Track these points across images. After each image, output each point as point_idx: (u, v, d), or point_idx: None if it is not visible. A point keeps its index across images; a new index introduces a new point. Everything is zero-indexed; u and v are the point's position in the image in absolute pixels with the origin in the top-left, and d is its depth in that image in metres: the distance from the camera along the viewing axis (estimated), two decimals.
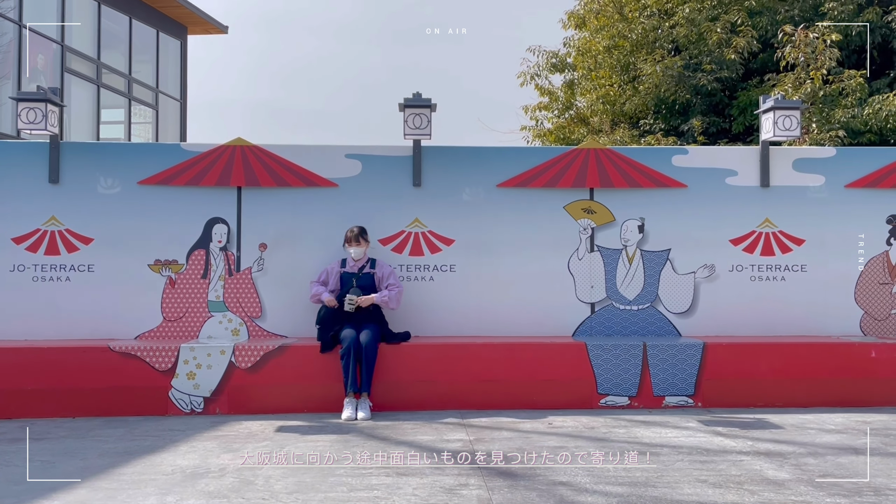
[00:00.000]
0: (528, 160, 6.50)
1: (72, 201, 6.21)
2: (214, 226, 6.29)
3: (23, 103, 5.90)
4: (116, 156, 6.32)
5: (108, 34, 17.18)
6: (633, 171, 6.50)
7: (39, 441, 4.89)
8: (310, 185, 6.35)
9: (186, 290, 6.25)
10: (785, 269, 6.53)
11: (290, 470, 4.17)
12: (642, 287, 6.49)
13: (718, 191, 6.53)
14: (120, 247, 6.21)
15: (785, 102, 6.36)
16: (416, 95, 6.23)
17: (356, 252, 5.97)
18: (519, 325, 6.36)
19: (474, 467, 4.22)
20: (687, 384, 5.95)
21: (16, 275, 6.13)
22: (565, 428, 5.22)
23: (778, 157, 6.57)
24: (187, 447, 4.70)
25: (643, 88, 11.06)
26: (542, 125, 12.82)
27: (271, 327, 6.28)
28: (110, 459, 4.41)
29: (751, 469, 4.19)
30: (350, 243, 5.97)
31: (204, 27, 20.19)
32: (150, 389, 5.68)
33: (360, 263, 6.02)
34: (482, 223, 6.43)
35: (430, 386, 5.83)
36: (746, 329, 6.43)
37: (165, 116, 19.17)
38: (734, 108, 10.57)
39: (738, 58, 10.41)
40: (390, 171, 6.41)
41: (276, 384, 5.74)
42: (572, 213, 6.49)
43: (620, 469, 4.19)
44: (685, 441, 4.84)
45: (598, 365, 5.93)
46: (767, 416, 5.58)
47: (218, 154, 6.30)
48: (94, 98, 16.72)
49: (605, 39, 11.73)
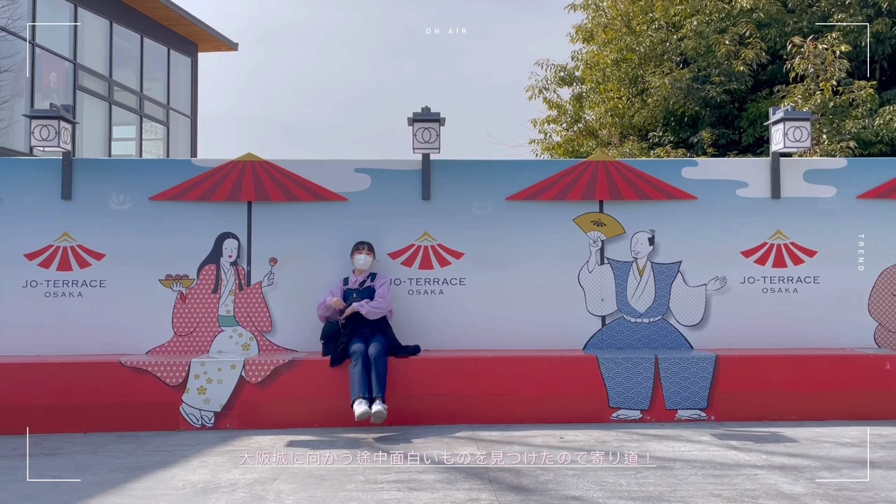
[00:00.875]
0: (537, 173, 6.50)
1: (84, 217, 6.25)
2: (225, 241, 6.32)
3: (36, 121, 5.96)
4: (128, 172, 6.37)
5: (119, 52, 17.37)
6: (643, 184, 6.48)
7: (51, 456, 4.89)
8: (319, 200, 6.37)
9: (197, 305, 6.27)
10: (797, 281, 6.48)
11: (302, 485, 4.16)
12: (653, 300, 6.46)
13: (729, 202, 6.51)
14: (131, 262, 6.24)
15: (795, 114, 6.34)
16: (424, 110, 6.26)
17: (363, 261, 5.99)
18: (529, 338, 6.34)
19: (485, 482, 4.20)
20: (699, 397, 5.90)
21: (28, 290, 6.17)
22: (577, 442, 5.18)
23: (788, 168, 6.55)
24: (198, 462, 4.70)
25: (652, 101, 11.07)
26: (550, 138, 12.84)
27: (281, 342, 6.29)
28: (122, 475, 4.40)
29: (765, 483, 4.15)
30: (359, 251, 6.02)
31: (214, 44, 20.38)
32: (161, 404, 5.69)
33: (361, 278, 6.03)
34: (491, 236, 6.43)
35: (441, 400, 5.81)
36: (759, 341, 6.38)
37: (176, 133, 19.33)
38: (744, 119, 10.56)
39: (746, 69, 10.41)
40: (399, 184, 6.43)
41: (286, 398, 5.74)
42: (582, 226, 6.48)
43: (633, 483, 4.15)
44: (698, 455, 4.80)
45: (609, 378, 5.89)
46: (781, 430, 5.52)
47: (228, 169, 6.34)
48: (105, 115, 16.89)
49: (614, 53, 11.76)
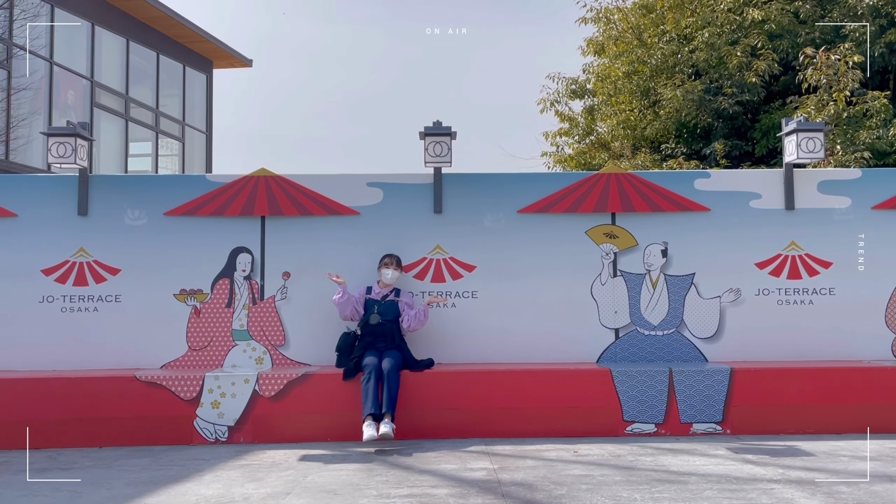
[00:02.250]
0: (549, 186, 6.51)
1: (100, 233, 6.32)
2: (238, 255, 6.36)
3: (53, 138, 6.05)
4: (143, 188, 6.43)
5: (136, 69, 17.60)
6: (655, 196, 6.47)
7: (66, 471, 4.92)
8: (332, 214, 6.40)
9: (211, 320, 6.30)
10: (812, 293, 6.43)
11: (314, 499, 4.15)
12: (667, 312, 6.42)
13: (742, 214, 6.48)
14: (146, 277, 6.30)
15: (808, 125, 6.31)
16: (436, 124, 6.29)
17: (390, 276, 6.03)
18: (542, 351, 6.32)
19: (498, 496, 4.17)
20: (715, 411, 5.85)
21: (45, 306, 6.23)
22: (591, 456, 5.15)
23: (802, 179, 6.51)
24: (212, 476, 4.71)
25: (664, 113, 11.06)
26: (562, 151, 12.85)
27: (295, 355, 6.31)
28: (136, 489, 4.42)
29: (782, 498, 4.10)
30: (387, 265, 6.04)
31: (229, 61, 20.61)
32: (176, 419, 5.71)
33: (385, 291, 6.04)
34: (504, 249, 6.43)
35: (454, 413, 5.80)
36: (774, 354, 6.32)
37: (192, 149, 19.52)
38: (756, 131, 10.52)
39: (759, 81, 10.37)
40: (411, 198, 6.45)
41: (299, 413, 5.74)
42: (594, 238, 6.47)
43: (648, 498, 4.12)
44: (714, 469, 4.75)
45: (623, 392, 5.86)
46: (798, 443, 5.46)
47: (242, 184, 6.40)
48: (122, 132, 17.10)
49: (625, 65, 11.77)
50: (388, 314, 5.95)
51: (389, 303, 6.00)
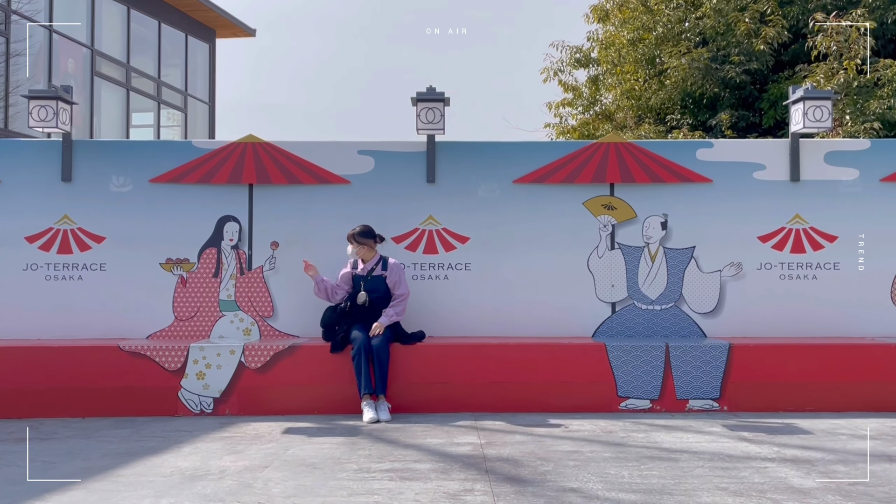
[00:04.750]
0: (546, 155, 6.30)
1: (84, 200, 6.18)
2: (226, 224, 6.21)
3: (34, 101, 5.89)
4: (128, 154, 6.27)
5: (137, 38, 17.36)
6: (656, 166, 6.26)
7: (45, 441, 4.83)
8: (322, 183, 6.23)
9: (198, 289, 6.18)
10: (816, 267, 6.23)
11: (292, 473, 4.04)
12: (665, 286, 6.24)
13: (746, 186, 6.26)
14: (132, 245, 6.16)
15: (815, 92, 6.07)
16: (429, 89, 6.08)
17: (349, 251, 5.82)
18: (536, 325, 6.17)
19: (482, 472, 4.05)
20: (712, 387, 5.70)
21: (29, 273, 6.12)
22: (582, 432, 5.01)
23: (809, 149, 6.28)
24: (191, 448, 4.60)
25: (669, 82, 10.76)
26: (566, 122, 12.57)
27: (283, 327, 6.18)
28: (112, 460, 4.32)
29: (775, 476, 3.95)
30: (349, 241, 5.82)
31: (232, 30, 20.32)
32: (160, 390, 5.61)
33: (370, 265, 5.86)
34: (498, 220, 6.25)
35: (444, 388, 5.67)
36: (776, 330, 6.14)
37: (194, 119, 19.33)
38: (764, 101, 10.21)
39: (767, 49, 10.04)
40: (404, 167, 6.27)
41: (286, 385, 5.63)
42: (592, 210, 6.28)
43: (636, 475, 3.98)
44: (707, 447, 4.61)
45: (618, 367, 5.71)
46: (797, 421, 5.31)
47: (229, 151, 6.22)
48: (123, 101, 16.92)
49: (630, 32, 11.43)
50: (375, 290, 5.77)
51: (375, 278, 5.80)
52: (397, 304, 5.74)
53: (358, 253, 5.79)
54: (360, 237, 5.77)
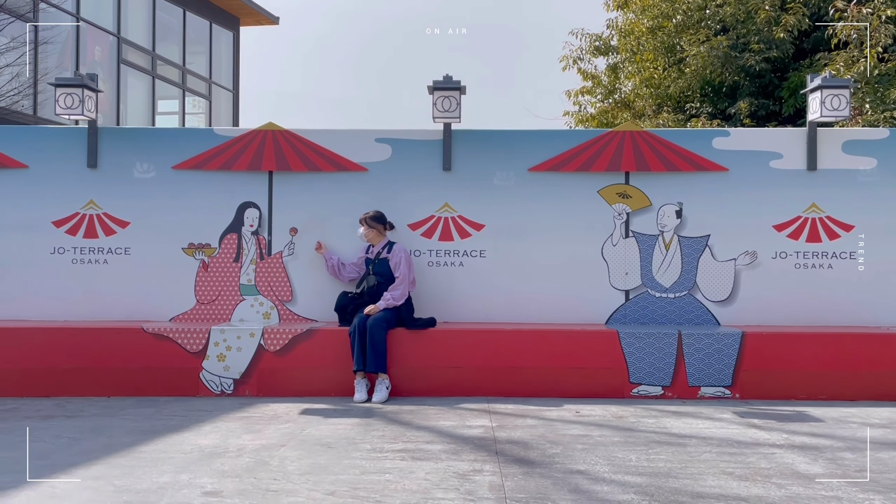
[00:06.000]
0: (561, 143, 6.34)
1: (109, 185, 6.34)
2: (246, 210, 6.34)
3: (60, 89, 6.04)
4: (152, 140, 6.42)
5: (162, 26, 17.57)
6: (671, 154, 6.28)
7: (72, 418, 5.01)
8: (340, 170, 6.33)
9: (219, 274, 6.32)
10: (832, 257, 6.22)
11: (307, 452, 4.16)
12: (679, 274, 6.27)
13: (762, 174, 6.26)
14: (155, 230, 6.32)
15: (833, 81, 6.04)
16: (445, 78, 6.14)
17: (360, 232, 6.00)
18: (550, 312, 6.23)
19: (491, 453, 4.14)
20: (724, 375, 5.73)
21: (56, 257, 6.30)
22: (592, 417, 5.09)
23: (826, 138, 6.26)
24: (210, 427, 4.75)
25: (688, 70, 10.67)
26: (584, 110, 12.53)
27: (302, 311, 6.31)
28: (134, 437, 4.48)
29: (781, 462, 4.00)
30: (360, 223, 6.00)
31: (256, 18, 20.46)
32: (182, 370, 5.77)
33: (378, 248, 5.99)
34: (513, 208, 6.31)
35: (458, 372, 5.77)
36: (790, 319, 6.16)
37: (218, 107, 19.53)
38: (784, 89, 10.10)
39: (788, 37, 9.92)
40: (420, 155, 6.34)
41: (304, 367, 5.76)
42: (606, 198, 6.32)
43: (643, 459, 4.05)
44: (716, 432, 4.66)
45: (630, 353, 5.76)
46: (808, 409, 5.33)
47: (250, 139, 6.34)
48: (149, 89, 17.14)
49: (649, 20, 11.35)
50: (382, 273, 5.92)
51: (382, 261, 5.95)
52: (395, 286, 5.82)
53: (366, 235, 5.95)
54: (371, 220, 5.95)
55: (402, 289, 5.83)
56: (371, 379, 5.66)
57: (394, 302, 5.77)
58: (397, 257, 5.89)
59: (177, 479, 3.66)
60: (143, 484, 3.59)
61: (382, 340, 5.62)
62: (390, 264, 5.90)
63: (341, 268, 6.12)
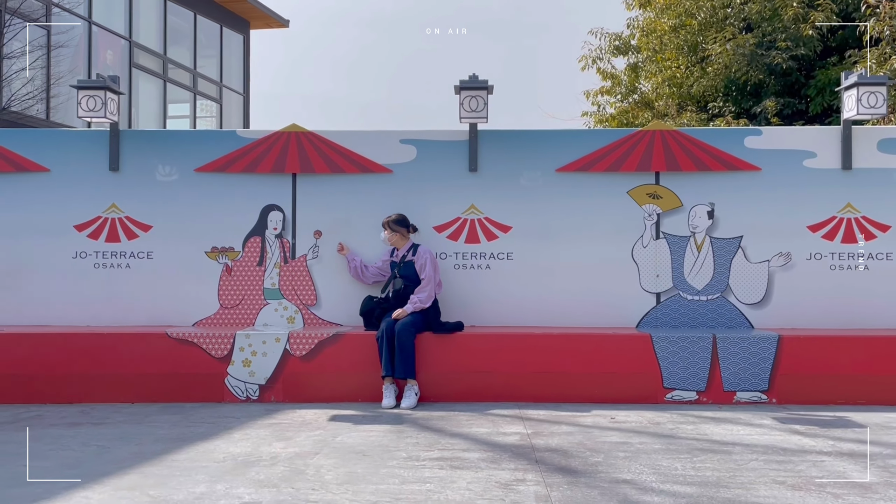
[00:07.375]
0: (590, 143, 6.23)
1: (131, 189, 6.25)
2: (270, 213, 6.25)
3: (83, 91, 5.96)
4: (174, 143, 6.33)
5: (173, 30, 17.54)
6: (702, 154, 6.15)
7: (98, 426, 4.91)
8: (364, 172, 6.23)
9: (243, 278, 6.23)
10: (868, 258, 6.09)
11: (342, 460, 4.06)
12: (712, 276, 6.15)
13: (795, 174, 6.13)
14: (178, 234, 6.23)
15: (870, 78, 5.91)
16: (472, 77, 6.04)
17: (382, 237, 5.91)
18: (579, 315, 6.12)
19: (531, 462, 4.03)
20: (760, 379, 5.60)
21: (78, 261, 6.21)
22: (628, 423, 4.96)
23: (861, 137, 6.12)
24: (240, 435, 4.65)
25: (712, 69, 10.54)
26: (603, 110, 12.41)
27: (326, 315, 6.20)
28: (164, 445, 4.38)
29: (833, 470, 3.87)
30: (383, 227, 5.90)
31: (266, 21, 20.44)
32: (207, 376, 5.67)
33: (402, 251, 5.89)
34: (541, 209, 6.20)
35: (487, 377, 5.65)
36: (825, 321, 6.02)
37: (229, 110, 19.50)
38: (811, 88, 9.95)
39: (815, 34, 9.77)
40: (446, 156, 6.24)
41: (330, 372, 5.66)
42: (636, 199, 6.20)
43: (689, 467, 3.93)
44: (759, 439, 4.53)
45: (663, 358, 5.64)
46: (849, 415, 5.20)
47: (273, 141, 6.25)
48: (160, 92, 17.11)
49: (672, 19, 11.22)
50: (408, 276, 5.81)
51: (407, 264, 5.84)
52: (421, 288, 5.72)
53: (390, 239, 5.84)
54: (394, 224, 5.85)
55: (429, 290, 5.72)
56: (399, 384, 5.55)
57: (421, 304, 5.67)
58: (422, 259, 5.79)
59: (213, 489, 3.55)
60: (179, 494, 3.48)
61: (411, 345, 5.51)
62: (416, 266, 5.80)
63: (364, 270, 6.03)
